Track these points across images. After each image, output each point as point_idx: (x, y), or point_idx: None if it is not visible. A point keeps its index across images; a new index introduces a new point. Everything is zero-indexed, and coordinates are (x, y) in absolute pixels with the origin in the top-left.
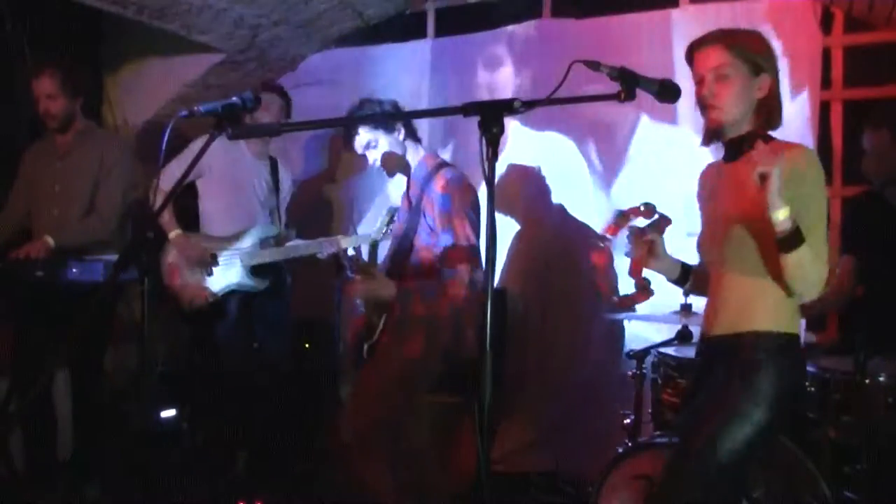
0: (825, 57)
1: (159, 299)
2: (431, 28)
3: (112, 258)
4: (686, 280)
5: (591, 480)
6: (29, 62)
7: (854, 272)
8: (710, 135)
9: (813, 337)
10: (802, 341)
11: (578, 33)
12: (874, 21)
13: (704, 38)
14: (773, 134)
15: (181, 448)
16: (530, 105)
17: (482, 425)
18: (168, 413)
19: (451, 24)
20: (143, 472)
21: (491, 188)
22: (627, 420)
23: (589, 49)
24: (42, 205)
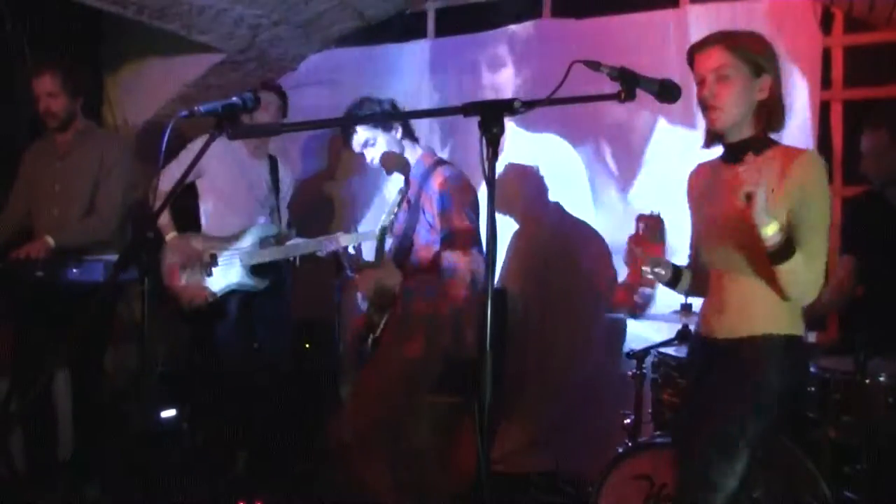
0: (825, 57)
1: (159, 299)
2: (431, 28)
3: (112, 258)
4: (677, 282)
5: (591, 480)
6: (29, 62)
7: (854, 272)
8: (712, 136)
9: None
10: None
11: (578, 33)
12: (874, 21)
13: (705, 40)
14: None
15: (181, 448)
16: (530, 105)
17: (482, 425)
18: (168, 413)
19: (451, 24)
20: (143, 472)
21: (491, 188)
22: (627, 420)
23: (589, 49)
24: (42, 205)
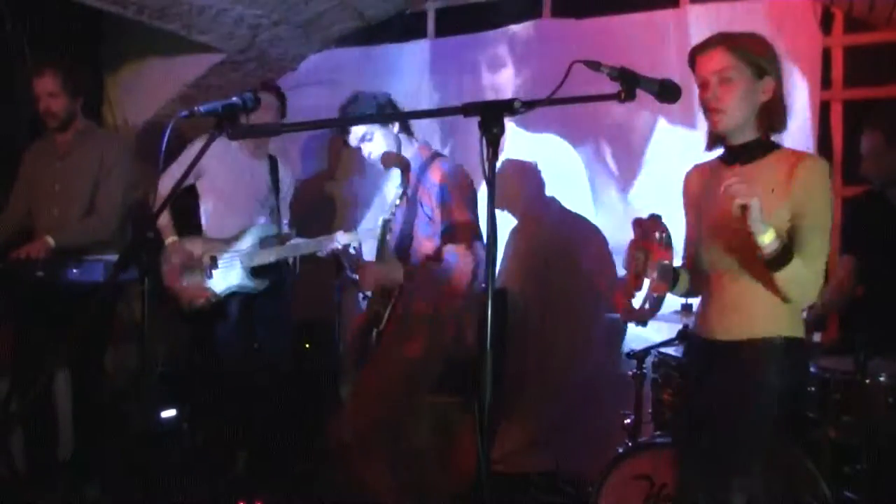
0: (825, 57)
1: (159, 299)
2: (431, 28)
3: (112, 258)
4: (675, 285)
5: (591, 480)
6: (29, 62)
7: (854, 272)
8: (714, 138)
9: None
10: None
11: (578, 33)
12: (874, 21)
13: (707, 42)
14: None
15: (181, 448)
16: (530, 105)
17: (482, 425)
18: (168, 413)
19: (451, 24)
20: (143, 472)
21: (491, 189)
22: (627, 420)
23: (589, 49)
24: (42, 205)
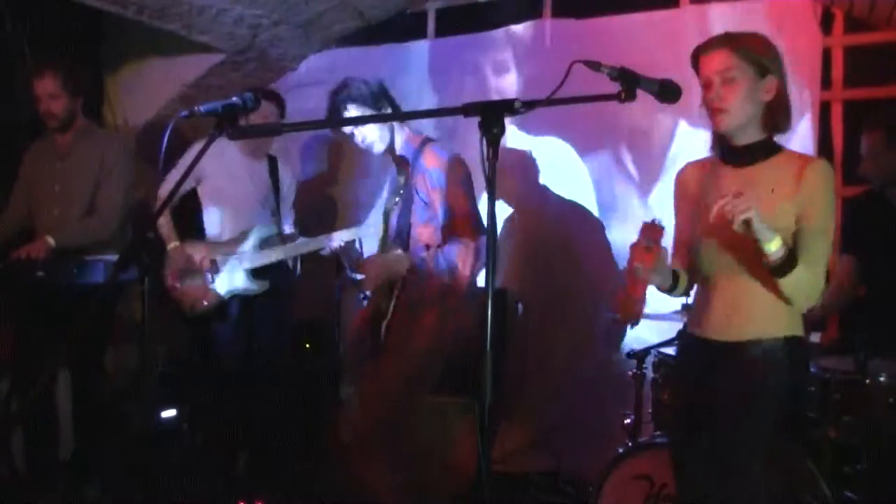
0: (825, 57)
1: (159, 299)
2: (431, 28)
3: (112, 258)
4: (675, 286)
5: (591, 480)
6: (29, 62)
7: (855, 272)
8: (719, 139)
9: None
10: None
11: (579, 33)
12: (875, 21)
13: (710, 42)
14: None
15: (181, 448)
16: (530, 105)
17: (482, 425)
18: (168, 413)
19: (451, 24)
20: (143, 472)
21: (492, 189)
22: (627, 420)
23: (589, 49)
24: (42, 205)
